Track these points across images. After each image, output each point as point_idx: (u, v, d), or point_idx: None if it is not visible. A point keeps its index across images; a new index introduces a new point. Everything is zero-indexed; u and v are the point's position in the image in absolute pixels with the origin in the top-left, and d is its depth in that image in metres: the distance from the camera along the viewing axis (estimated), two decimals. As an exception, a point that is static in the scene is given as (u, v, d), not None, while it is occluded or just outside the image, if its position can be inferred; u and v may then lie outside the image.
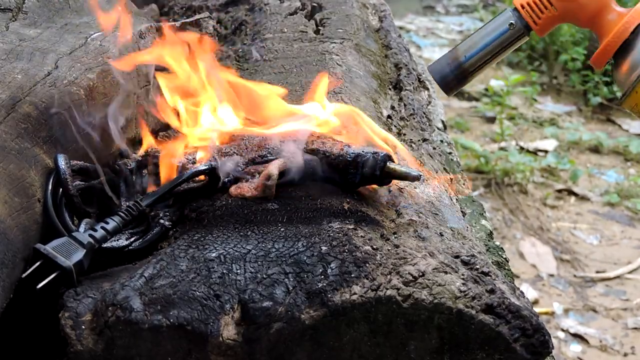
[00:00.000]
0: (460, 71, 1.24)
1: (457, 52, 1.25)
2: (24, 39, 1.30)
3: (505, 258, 1.50)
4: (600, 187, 4.05)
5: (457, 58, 1.24)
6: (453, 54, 1.25)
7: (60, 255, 0.97)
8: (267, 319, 0.90)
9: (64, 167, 1.09)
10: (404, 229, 1.08)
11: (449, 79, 1.25)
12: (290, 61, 1.74)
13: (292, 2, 2.19)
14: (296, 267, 0.95)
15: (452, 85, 1.26)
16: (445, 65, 1.25)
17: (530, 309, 0.95)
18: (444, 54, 1.27)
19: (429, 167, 1.41)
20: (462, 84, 1.26)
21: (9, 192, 1.00)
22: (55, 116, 1.14)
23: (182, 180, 1.13)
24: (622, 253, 3.46)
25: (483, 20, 7.08)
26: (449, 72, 1.25)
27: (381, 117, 1.57)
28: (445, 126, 2.15)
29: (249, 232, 1.03)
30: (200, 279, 0.94)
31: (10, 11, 1.40)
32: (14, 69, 1.18)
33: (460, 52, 1.24)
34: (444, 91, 1.28)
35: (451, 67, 1.24)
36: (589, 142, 4.53)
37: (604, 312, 3.04)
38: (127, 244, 1.07)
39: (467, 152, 4.25)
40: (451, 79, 1.25)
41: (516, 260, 3.34)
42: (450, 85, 1.26)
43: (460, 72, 1.24)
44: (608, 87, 5.05)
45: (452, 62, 1.24)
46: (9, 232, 0.96)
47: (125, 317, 0.89)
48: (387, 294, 0.92)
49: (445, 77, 1.25)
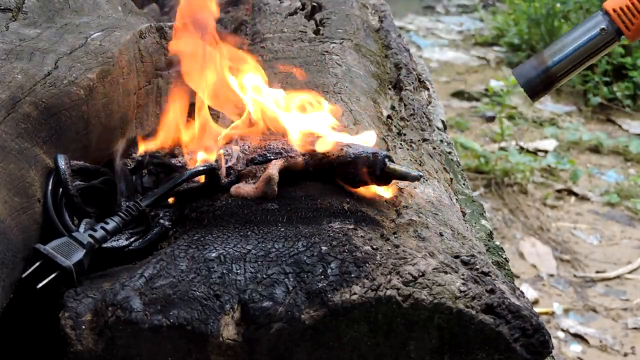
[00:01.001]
0: (547, 76, 1.20)
1: (544, 57, 1.20)
2: (24, 39, 1.30)
3: (505, 258, 1.50)
4: (600, 187, 4.05)
5: (544, 62, 1.20)
6: (539, 59, 1.21)
7: (60, 255, 0.97)
8: (267, 319, 0.90)
9: (64, 167, 1.09)
10: (404, 229, 1.08)
11: (535, 83, 1.21)
12: (290, 61, 1.74)
13: (292, 2, 2.20)
14: (296, 267, 0.95)
15: (539, 90, 1.22)
16: (530, 69, 1.21)
17: (530, 309, 0.95)
18: (529, 59, 1.24)
19: (428, 167, 1.41)
20: (548, 89, 1.22)
21: (9, 192, 1.00)
22: (55, 116, 1.14)
23: (182, 180, 1.13)
24: (622, 253, 3.46)
25: (483, 20, 7.09)
26: (535, 76, 1.20)
27: (381, 117, 1.57)
28: (445, 126, 2.15)
29: (249, 232, 1.03)
30: (200, 279, 0.94)
31: (10, 11, 1.40)
32: (14, 69, 1.18)
33: (547, 57, 1.20)
34: (529, 96, 1.23)
35: (537, 71, 1.20)
36: (589, 142, 4.53)
37: (604, 312, 3.04)
38: (127, 244, 1.07)
39: (467, 152, 4.25)
40: (537, 83, 1.21)
41: (516, 260, 3.35)
42: (537, 90, 1.22)
43: (547, 77, 1.20)
44: (608, 87, 5.06)
45: (538, 66, 1.20)
46: (9, 232, 0.96)
47: (125, 317, 0.89)
48: (387, 294, 0.92)
49: (530, 82, 1.21)
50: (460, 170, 1.92)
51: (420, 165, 1.38)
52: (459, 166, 1.95)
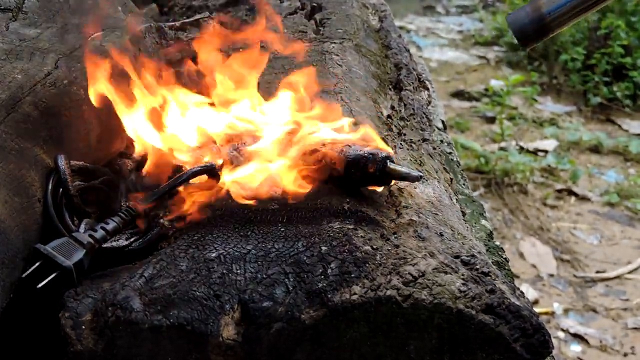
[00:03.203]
0: (541, 25, 1.16)
1: (539, 4, 1.16)
2: (24, 39, 1.30)
3: (505, 258, 1.50)
4: (600, 187, 4.05)
5: (539, 9, 1.15)
6: (534, 5, 1.16)
7: (60, 255, 0.97)
8: (267, 319, 0.90)
9: (64, 167, 1.09)
10: (404, 229, 1.08)
11: (528, 31, 1.17)
12: (290, 61, 1.74)
13: (292, 2, 2.19)
14: (296, 267, 0.95)
15: (531, 39, 1.18)
16: (524, 16, 1.17)
17: (530, 309, 0.95)
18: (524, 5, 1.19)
19: (428, 167, 1.41)
20: (541, 38, 1.19)
21: (9, 192, 1.00)
22: (55, 116, 1.14)
23: (182, 180, 1.13)
24: (622, 253, 3.46)
25: (483, 20, 7.08)
26: (528, 23, 1.16)
27: (381, 117, 1.57)
28: (445, 126, 2.15)
29: (249, 232, 1.03)
30: (200, 279, 0.94)
31: (10, 11, 1.40)
32: (14, 69, 1.18)
33: (543, 4, 1.16)
34: (520, 44, 1.20)
35: (531, 18, 1.16)
36: (589, 142, 4.53)
37: (604, 312, 3.04)
38: (127, 244, 1.07)
39: (467, 152, 4.25)
40: (530, 31, 1.17)
41: (516, 260, 3.34)
42: (529, 38, 1.18)
43: (541, 26, 1.16)
44: (608, 87, 5.06)
45: (532, 13, 1.16)
46: (9, 232, 0.96)
47: (125, 317, 0.89)
48: (387, 294, 0.92)
49: (523, 29, 1.17)
50: (460, 170, 1.92)
51: (420, 165, 1.38)
52: (459, 166, 1.95)
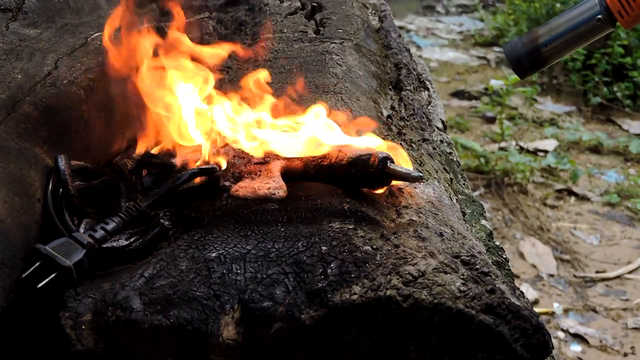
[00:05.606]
0: (537, 56, 1.19)
1: (535, 35, 1.19)
2: (24, 39, 1.30)
3: (505, 258, 1.50)
4: (600, 187, 4.05)
5: (535, 41, 1.18)
6: (530, 37, 1.19)
7: (60, 255, 0.97)
8: (267, 319, 0.90)
9: (64, 167, 1.09)
10: (404, 229, 1.08)
11: (523, 62, 1.20)
12: (290, 61, 1.74)
13: (292, 2, 2.19)
14: (296, 267, 0.95)
15: (526, 69, 1.21)
16: (520, 47, 1.19)
17: (530, 309, 0.95)
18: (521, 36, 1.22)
19: (428, 167, 1.41)
20: (537, 69, 1.21)
21: (9, 192, 1.00)
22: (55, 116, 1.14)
23: (182, 181, 1.13)
24: (622, 253, 3.46)
25: (483, 20, 7.09)
26: (524, 54, 1.19)
27: (381, 117, 1.57)
28: (445, 126, 2.15)
29: (249, 232, 1.03)
30: (200, 279, 0.94)
31: (10, 11, 1.40)
32: (14, 69, 1.18)
33: (539, 36, 1.18)
34: (516, 74, 1.23)
35: (527, 49, 1.19)
36: (589, 142, 4.53)
37: (604, 312, 3.04)
38: (127, 244, 1.07)
39: (467, 152, 4.25)
40: (526, 62, 1.19)
41: (516, 260, 3.34)
42: (524, 68, 1.20)
43: (536, 57, 1.19)
44: (608, 87, 5.06)
45: (528, 44, 1.19)
46: (9, 232, 0.96)
47: (125, 317, 0.89)
48: (387, 294, 0.92)
49: (519, 60, 1.20)
50: (460, 170, 1.92)
51: (420, 165, 1.38)
52: (459, 166, 1.94)
